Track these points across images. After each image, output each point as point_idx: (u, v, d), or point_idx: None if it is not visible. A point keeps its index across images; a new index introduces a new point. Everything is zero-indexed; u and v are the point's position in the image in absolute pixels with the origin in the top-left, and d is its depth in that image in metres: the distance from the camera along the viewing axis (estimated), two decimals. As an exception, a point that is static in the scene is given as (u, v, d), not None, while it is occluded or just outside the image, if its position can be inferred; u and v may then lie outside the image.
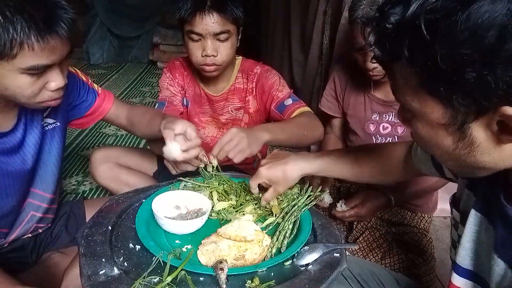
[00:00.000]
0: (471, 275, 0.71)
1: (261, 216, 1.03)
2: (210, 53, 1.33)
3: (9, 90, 0.89)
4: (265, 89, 1.48)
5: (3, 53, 0.81)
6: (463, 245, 0.71)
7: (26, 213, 1.17)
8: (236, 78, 1.53)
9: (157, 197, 0.99)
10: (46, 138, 1.16)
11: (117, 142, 2.91)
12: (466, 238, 0.71)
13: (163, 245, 0.88)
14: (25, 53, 0.83)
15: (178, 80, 1.57)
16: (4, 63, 0.83)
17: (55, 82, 0.93)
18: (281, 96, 1.45)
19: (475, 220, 0.69)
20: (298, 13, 2.75)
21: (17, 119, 1.06)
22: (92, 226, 0.91)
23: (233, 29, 1.36)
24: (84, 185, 2.27)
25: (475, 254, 0.70)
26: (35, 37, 0.82)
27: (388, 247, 1.38)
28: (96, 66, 5.21)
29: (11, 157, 1.05)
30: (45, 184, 1.19)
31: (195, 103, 1.58)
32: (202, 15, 1.29)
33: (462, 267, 0.72)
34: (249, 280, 0.77)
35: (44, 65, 0.87)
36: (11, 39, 0.80)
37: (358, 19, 1.22)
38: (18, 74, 0.86)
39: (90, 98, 1.28)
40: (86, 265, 0.78)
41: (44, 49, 0.85)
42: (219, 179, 1.13)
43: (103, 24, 5.24)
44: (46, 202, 1.21)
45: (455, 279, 0.73)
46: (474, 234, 0.70)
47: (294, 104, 1.42)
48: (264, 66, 1.55)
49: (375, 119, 1.47)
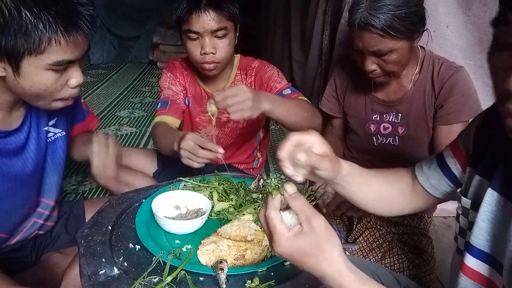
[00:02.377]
0: (485, 257, 0.70)
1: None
2: (208, 51, 1.34)
3: (34, 87, 0.91)
4: (263, 81, 1.48)
5: (32, 49, 0.84)
6: (477, 225, 0.70)
7: (29, 221, 1.17)
8: (235, 75, 1.54)
9: (157, 197, 0.99)
10: (52, 148, 1.18)
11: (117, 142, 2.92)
12: (481, 217, 0.69)
13: (163, 245, 0.88)
14: (52, 48, 0.86)
15: (180, 80, 1.57)
16: (32, 59, 0.86)
17: (75, 79, 0.96)
18: (279, 87, 1.45)
19: (491, 199, 0.68)
20: (298, 13, 2.76)
21: (22, 120, 1.07)
22: (92, 226, 0.91)
23: (230, 25, 1.36)
24: (84, 185, 2.27)
25: (490, 235, 0.69)
26: (62, 33, 0.85)
27: (388, 247, 1.38)
28: (96, 66, 5.21)
29: (12, 159, 1.05)
30: (49, 192, 1.20)
31: (196, 102, 1.58)
32: (198, 13, 1.30)
33: (477, 247, 0.70)
34: (249, 280, 0.77)
35: (68, 60, 0.90)
36: (40, 35, 0.83)
37: (355, 23, 1.23)
38: (44, 70, 0.89)
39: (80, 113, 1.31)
40: (86, 265, 0.78)
41: (69, 45, 0.88)
42: (219, 179, 1.13)
43: (103, 24, 5.24)
44: (48, 210, 1.22)
45: (468, 260, 0.71)
46: (490, 214, 0.68)
47: (293, 94, 1.42)
48: (262, 60, 1.55)
49: (375, 119, 1.47)
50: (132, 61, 5.47)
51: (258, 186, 1.13)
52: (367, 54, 1.26)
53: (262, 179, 1.15)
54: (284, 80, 1.48)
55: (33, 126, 1.10)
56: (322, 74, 2.38)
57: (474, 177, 0.74)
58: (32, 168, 1.10)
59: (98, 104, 3.75)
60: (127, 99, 3.95)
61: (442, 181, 0.87)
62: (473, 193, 0.74)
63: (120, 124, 3.28)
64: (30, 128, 1.09)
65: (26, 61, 0.86)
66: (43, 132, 1.13)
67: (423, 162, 0.93)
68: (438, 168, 0.88)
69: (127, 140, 2.96)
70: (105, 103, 3.78)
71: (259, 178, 1.15)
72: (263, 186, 1.13)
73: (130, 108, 3.67)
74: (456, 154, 0.85)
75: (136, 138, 3.00)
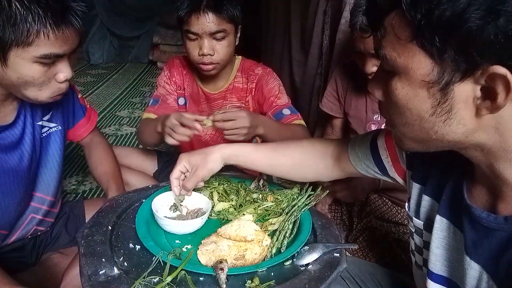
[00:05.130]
0: (445, 281, 0.70)
1: (261, 216, 1.03)
2: (206, 52, 1.35)
3: (21, 79, 0.91)
4: (263, 92, 1.48)
5: (20, 40, 0.85)
6: (432, 251, 0.70)
7: (26, 215, 1.17)
8: (235, 77, 1.53)
9: (157, 197, 0.99)
10: (48, 141, 1.18)
11: (117, 142, 2.91)
12: (434, 244, 0.69)
13: (163, 245, 0.88)
14: (40, 41, 0.86)
15: (176, 79, 1.57)
16: (19, 51, 0.87)
17: (63, 74, 0.96)
18: (280, 104, 1.46)
19: (441, 226, 0.68)
20: (298, 13, 2.75)
21: (16, 114, 1.07)
22: (92, 226, 0.91)
23: (230, 28, 1.36)
24: (84, 185, 2.27)
25: (446, 260, 0.69)
26: (51, 26, 0.86)
27: (388, 247, 1.38)
28: (96, 66, 5.21)
29: (9, 154, 1.06)
30: (45, 187, 1.20)
31: (193, 101, 1.59)
32: (197, 15, 1.31)
33: (435, 273, 0.70)
34: (249, 280, 0.77)
35: (56, 54, 0.90)
36: (28, 27, 0.84)
37: (357, 25, 1.23)
38: (31, 62, 0.89)
39: (79, 112, 1.32)
40: (86, 265, 0.78)
41: (58, 39, 0.88)
42: (219, 179, 1.13)
43: (103, 24, 5.24)
44: (46, 205, 1.21)
45: (430, 285, 0.72)
46: (442, 240, 0.68)
47: (292, 115, 1.44)
48: (266, 68, 1.55)
49: (376, 120, 1.48)
50: (132, 61, 5.46)
51: (258, 186, 1.13)
52: (368, 56, 1.27)
53: (262, 179, 1.15)
54: (284, 96, 1.49)
55: (28, 120, 1.10)
56: (322, 74, 2.37)
57: (422, 197, 0.74)
58: (28, 162, 1.10)
59: (98, 104, 3.75)
60: (127, 99, 3.95)
61: (371, 168, 0.89)
62: (425, 213, 0.74)
63: (120, 124, 3.27)
64: (25, 122, 1.09)
65: (14, 53, 0.87)
66: (37, 126, 1.13)
67: (357, 142, 0.93)
68: (370, 155, 0.89)
69: (127, 140, 2.96)
70: (105, 103, 3.78)
71: (259, 178, 1.15)
72: (263, 186, 1.13)
73: (130, 108, 3.67)
74: (389, 148, 0.85)
75: (136, 138, 3.00)
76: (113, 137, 2.97)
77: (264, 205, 1.04)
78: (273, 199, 1.06)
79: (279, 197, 1.06)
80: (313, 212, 1.03)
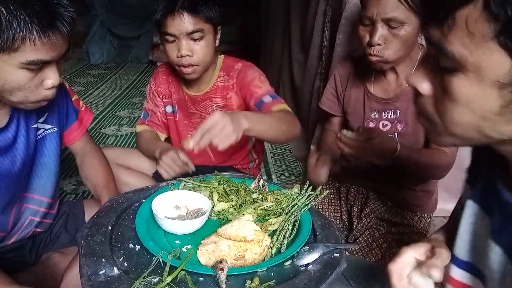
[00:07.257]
0: (468, 267, 0.70)
1: (261, 216, 1.03)
2: (184, 53, 1.35)
3: (7, 84, 0.90)
4: (244, 84, 1.47)
5: (5, 46, 0.83)
6: (460, 236, 0.70)
7: (24, 218, 1.17)
8: (218, 76, 1.53)
9: (157, 197, 0.99)
10: (43, 143, 1.17)
11: (117, 142, 2.92)
12: (463, 229, 0.70)
13: (163, 245, 0.88)
14: (26, 47, 0.85)
15: (161, 89, 1.61)
16: (5, 56, 0.85)
17: (51, 80, 0.94)
18: (260, 93, 1.42)
19: (471, 211, 0.68)
20: (298, 13, 2.76)
21: (9, 118, 1.06)
22: (92, 226, 0.91)
23: (207, 28, 1.36)
24: (84, 185, 2.26)
25: (472, 246, 0.69)
26: (37, 32, 0.84)
27: (388, 247, 1.38)
28: (96, 66, 5.21)
29: (0, 158, 1.05)
30: (42, 189, 1.19)
31: (180, 108, 1.61)
32: (173, 16, 1.32)
33: (460, 258, 0.71)
34: (249, 280, 0.77)
35: (43, 60, 0.89)
36: (14, 33, 0.82)
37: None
38: (17, 68, 0.88)
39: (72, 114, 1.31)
40: (86, 265, 0.78)
41: (45, 45, 0.87)
42: (219, 180, 1.13)
43: (103, 24, 5.25)
44: (44, 207, 1.21)
45: (453, 270, 0.72)
46: (471, 225, 0.69)
47: (274, 101, 1.38)
48: (247, 62, 1.54)
49: (374, 117, 1.48)
50: (132, 61, 5.47)
51: (258, 186, 1.13)
52: (378, 24, 1.23)
53: (262, 179, 1.15)
54: (265, 84, 1.45)
55: (21, 124, 1.09)
56: (322, 74, 2.37)
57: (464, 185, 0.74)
58: (21, 166, 1.10)
59: (98, 104, 3.75)
60: (127, 99, 3.95)
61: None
62: (462, 199, 0.74)
63: (120, 124, 3.28)
64: (18, 126, 1.08)
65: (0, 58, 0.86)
66: (32, 129, 1.12)
67: None
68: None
69: (127, 140, 2.96)
70: (105, 103, 3.78)
71: (259, 178, 1.15)
72: (263, 186, 1.13)
73: (130, 108, 3.67)
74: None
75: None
76: (113, 137, 2.97)
77: (264, 205, 1.04)
78: (273, 199, 1.06)
79: (279, 197, 1.06)
80: (313, 212, 1.03)
